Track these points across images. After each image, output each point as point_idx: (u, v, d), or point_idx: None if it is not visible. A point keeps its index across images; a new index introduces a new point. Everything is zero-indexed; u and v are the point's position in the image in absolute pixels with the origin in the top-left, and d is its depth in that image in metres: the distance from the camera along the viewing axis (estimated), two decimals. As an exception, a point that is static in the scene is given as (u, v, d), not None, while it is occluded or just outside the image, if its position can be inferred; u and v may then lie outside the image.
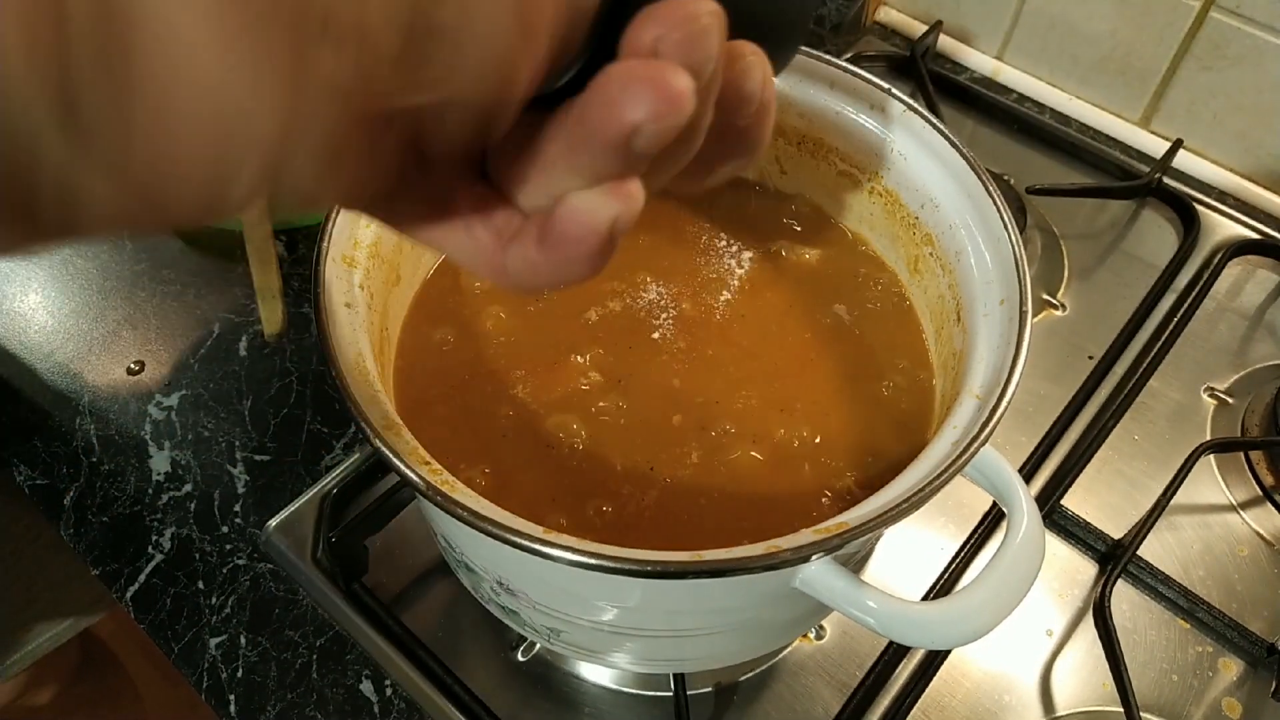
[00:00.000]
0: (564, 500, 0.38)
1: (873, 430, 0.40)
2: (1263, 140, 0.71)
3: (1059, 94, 0.79)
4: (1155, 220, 0.71)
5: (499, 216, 0.21)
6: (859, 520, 0.30)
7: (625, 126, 0.17)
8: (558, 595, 0.36)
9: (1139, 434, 0.58)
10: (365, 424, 0.31)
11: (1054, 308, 0.64)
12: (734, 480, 0.38)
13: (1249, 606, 0.51)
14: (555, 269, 0.20)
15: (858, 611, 0.31)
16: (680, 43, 0.17)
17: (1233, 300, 0.66)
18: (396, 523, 0.51)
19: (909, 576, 0.51)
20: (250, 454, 0.55)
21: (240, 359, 0.60)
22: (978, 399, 0.34)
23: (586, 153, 0.18)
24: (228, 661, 0.48)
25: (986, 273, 0.38)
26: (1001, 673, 0.48)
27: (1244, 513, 0.55)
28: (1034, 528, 0.31)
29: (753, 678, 0.48)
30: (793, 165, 0.47)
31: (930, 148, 0.41)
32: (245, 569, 0.51)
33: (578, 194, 0.19)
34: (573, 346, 0.42)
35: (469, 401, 0.40)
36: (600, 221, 0.19)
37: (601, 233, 0.19)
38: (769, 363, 0.42)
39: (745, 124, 0.21)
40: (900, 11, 0.85)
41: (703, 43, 0.17)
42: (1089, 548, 0.53)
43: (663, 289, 0.45)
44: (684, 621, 0.36)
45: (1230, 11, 0.68)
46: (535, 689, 0.47)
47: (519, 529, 0.29)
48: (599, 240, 0.19)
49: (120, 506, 0.53)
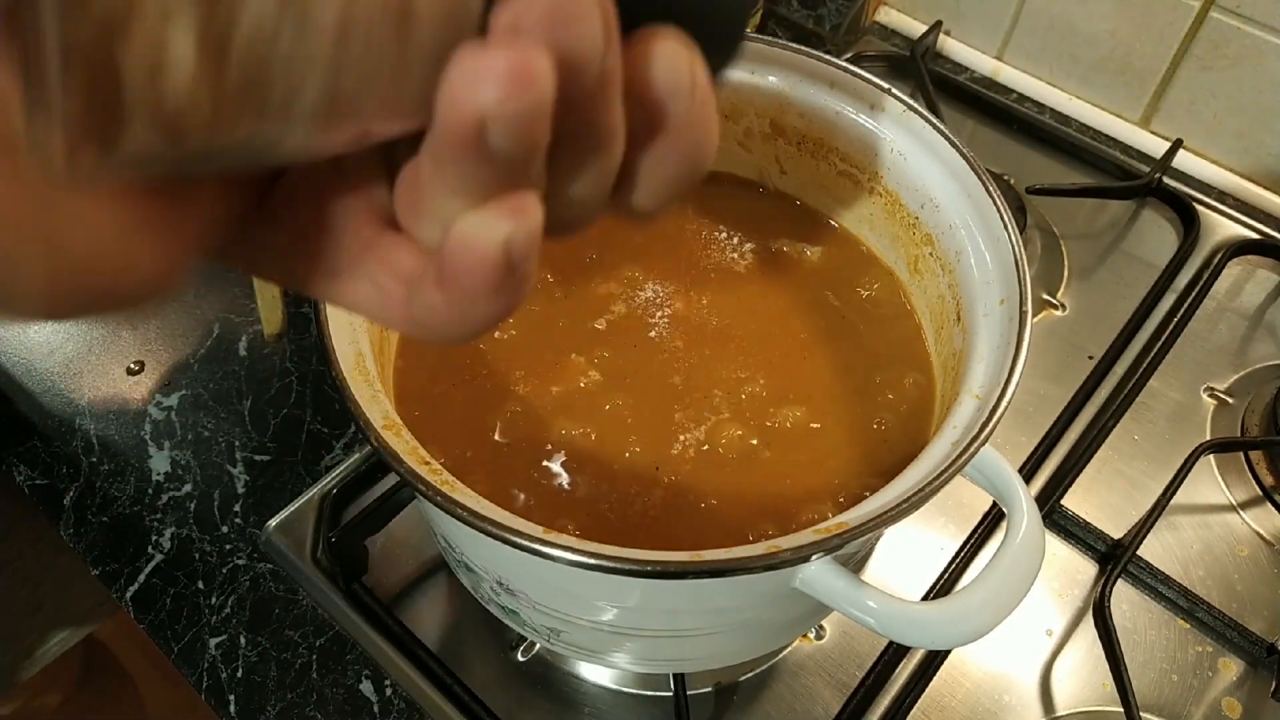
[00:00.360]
0: (564, 500, 0.38)
1: (873, 430, 0.40)
2: (1263, 140, 0.71)
3: (1059, 94, 0.79)
4: (1155, 220, 0.71)
5: (405, 261, 0.19)
6: (859, 520, 0.30)
7: (471, 116, 0.15)
8: (558, 595, 0.36)
9: (1139, 434, 0.58)
10: (365, 424, 0.31)
11: (1054, 308, 0.64)
12: (734, 480, 0.38)
13: (1249, 606, 0.51)
14: (458, 310, 0.17)
15: (858, 611, 0.31)
16: (543, 18, 0.15)
17: (1233, 300, 0.66)
18: (396, 523, 0.51)
19: (909, 576, 0.51)
20: (250, 454, 0.55)
21: (240, 359, 0.60)
22: (978, 399, 0.34)
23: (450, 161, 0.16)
24: (227, 661, 0.48)
25: (986, 273, 0.38)
26: (1001, 673, 0.48)
27: (1244, 513, 0.55)
28: (1034, 528, 0.32)
29: (753, 678, 0.48)
30: (793, 165, 0.47)
31: (930, 148, 0.41)
32: (245, 569, 0.51)
33: (465, 217, 0.16)
34: (573, 346, 0.42)
35: (470, 401, 0.40)
36: (489, 245, 0.16)
37: (493, 258, 0.16)
38: (769, 363, 0.42)
39: (678, 125, 0.18)
40: (900, 11, 0.85)
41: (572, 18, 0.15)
42: (1089, 548, 0.53)
43: (663, 289, 0.45)
44: (684, 621, 0.36)
45: (1230, 11, 0.68)
46: (535, 689, 0.47)
47: (519, 529, 0.29)
48: (493, 268, 0.16)
49: (120, 506, 0.53)
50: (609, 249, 0.46)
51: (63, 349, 0.60)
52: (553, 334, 0.43)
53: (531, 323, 0.43)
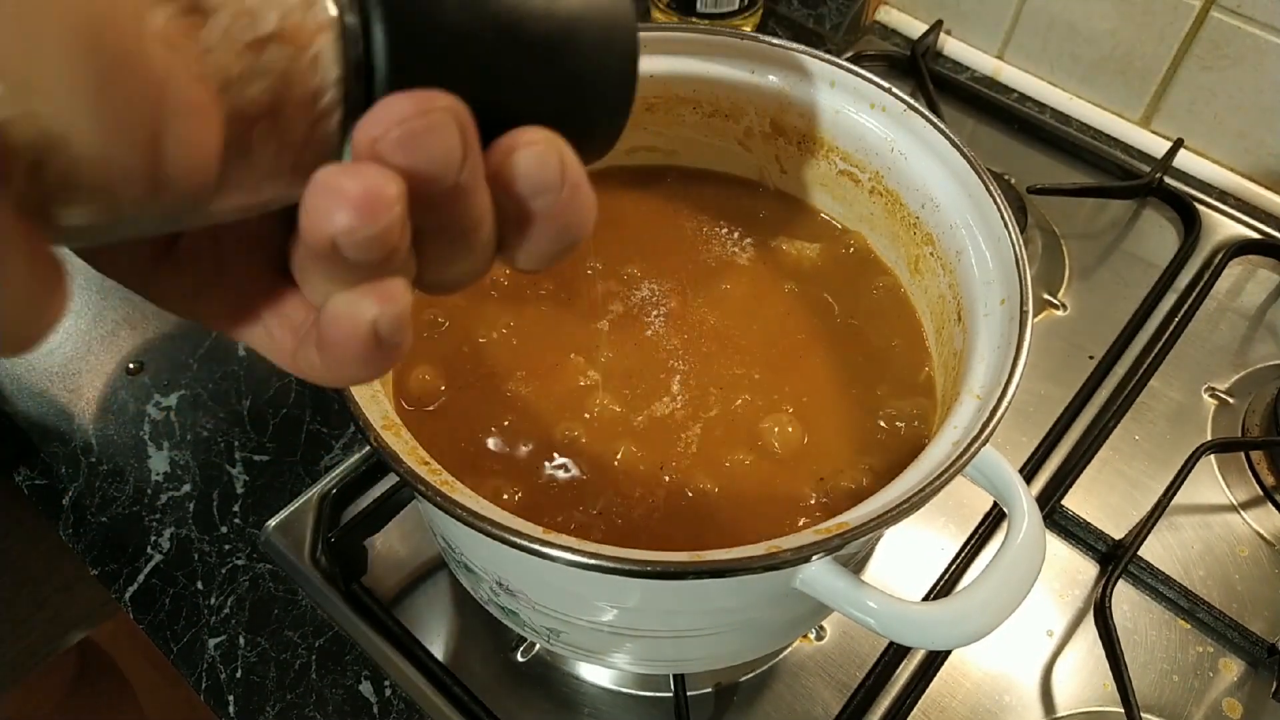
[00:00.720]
0: (564, 500, 0.38)
1: (873, 430, 0.40)
2: (1263, 140, 0.71)
3: (1059, 93, 0.79)
4: (1156, 220, 0.71)
5: (297, 314, 0.20)
6: (859, 520, 0.29)
7: (325, 237, 0.16)
8: (557, 595, 0.36)
9: (1139, 434, 0.58)
10: (365, 424, 0.31)
11: (1054, 308, 0.64)
12: (733, 480, 0.38)
13: (1249, 607, 0.51)
14: (335, 371, 0.19)
15: (858, 612, 0.31)
16: (400, 141, 0.16)
17: (1233, 300, 0.66)
18: (396, 523, 0.51)
19: (909, 576, 0.51)
20: (249, 454, 0.55)
21: (240, 359, 0.60)
22: (978, 399, 0.34)
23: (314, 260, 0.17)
24: (227, 662, 0.48)
25: (987, 272, 0.38)
26: (1002, 673, 0.48)
27: (1244, 513, 0.55)
28: (1034, 528, 0.31)
29: (753, 678, 0.48)
30: (793, 165, 0.47)
31: (931, 147, 0.41)
32: (244, 569, 0.51)
33: (337, 296, 0.18)
34: (574, 346, 0.42)
35: (470, 401, 0.40)
36: (359, 325, 0.17)
37: (362, 336, 0.18)
38: (769, 363, 0.42)
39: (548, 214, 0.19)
40: (900, 11, 0.85)
41: (428, 140, 0.16)
42: (1089, 548, 0.53)
43: (662, 288, 0.45)
44: (684, 622, 0.36)
45: (1230, 11, 0.68)
46: (535, 689, 0.47)
47: (519, 529, 0.29)
48: (362, 344, 0.18)
49: (119, 507, 0.53)
50: (609, 249, 0.46)
51: (63, 349, 0.60)
52: (553, 334, 0.43)
53: (532, 323, 0.43)
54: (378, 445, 0.30)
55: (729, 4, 0.77)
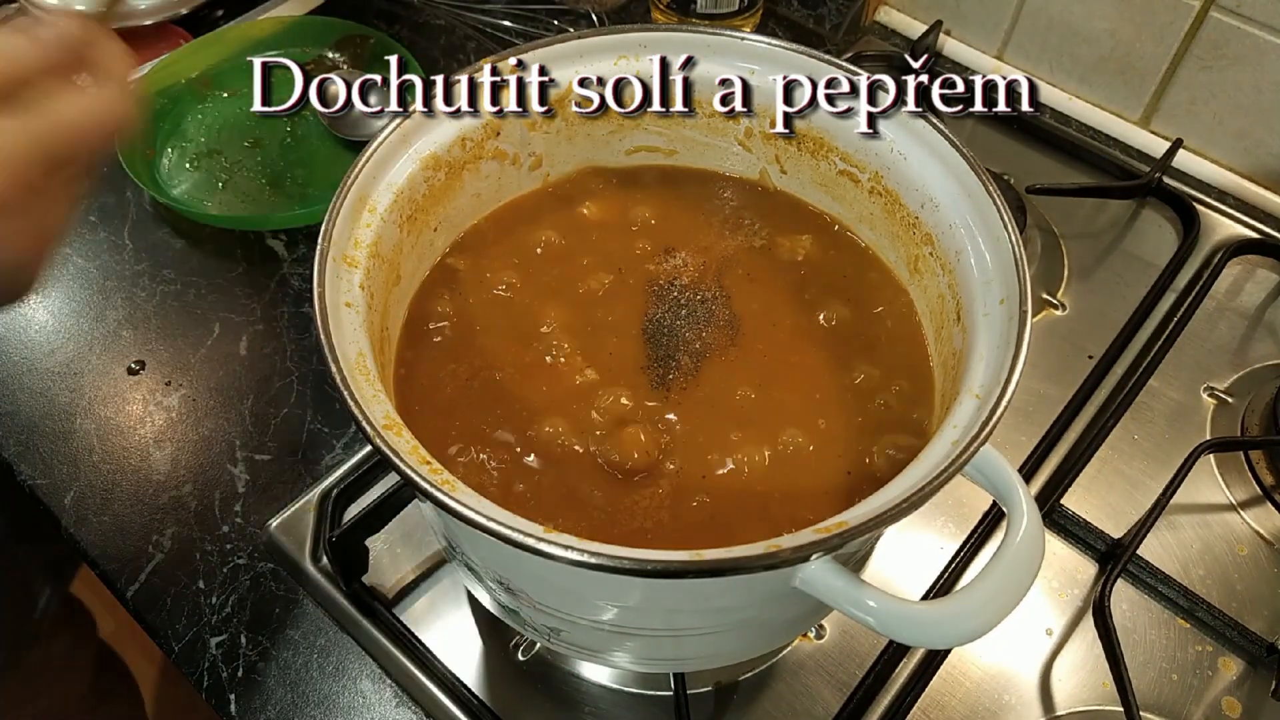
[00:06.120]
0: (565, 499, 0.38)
1: (872, 429, 0.40)
2: (1263, 140, 0.71)
3: (1059, 93, 0.79)
4: (1155, 220, 0.71)
5: None
6: (859, 519, 0.30)
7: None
8: (558, 595, 0.36)
9: (1139, 434, 0.58)
10: (365, 424, 0.31)
11: (1054, 307, 0.64)
12: (733, 479, 0.38)
13: (1249, 606, 0.51)
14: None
15: (858, 611, 0.31)
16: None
17: (1233, 300, 0.66)
18: (398, 522, 0.51)
19: (909, 576, 0.51)
20: (250, 453, 0.55)
21: (240, 359, 0.60)
22: (977, 398, 0.34)
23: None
24: (228, 661, 0.48)
25: (986, 272, 0.38)
26: (1001, 672, 0.48)
27: (1244, 512, 0.55)
28: (1034, 527, 0.31)
29: (753, 677, 0.48)
30: (793, 165, 0.47)
31: (930, 147, 0.41)
32: (246, 568, 0.51)
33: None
34: (574, 346, 0.42)
35: (470, 401, 0.40)
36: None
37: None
38: (768, 363, 0.42)
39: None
40: (900, 11, 0.85)
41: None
42: (1089, 547, 0.53)
43: (663, 289, 0.45)
44: (684, 621, 0.36)
45: (1230, 11, 0.68)
46: (535, 689, 0.47)
47: (519, 528, 0.29)
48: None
49: (120, 506, 0.53)
50: (609, 249, 0.46)
51: (63, 349, 0.60)
52: (554, 335, 0.43)
53: (533, 323, 0.43)
54: (378, 445, 0.31)
55: (728, 4, 0.77)
